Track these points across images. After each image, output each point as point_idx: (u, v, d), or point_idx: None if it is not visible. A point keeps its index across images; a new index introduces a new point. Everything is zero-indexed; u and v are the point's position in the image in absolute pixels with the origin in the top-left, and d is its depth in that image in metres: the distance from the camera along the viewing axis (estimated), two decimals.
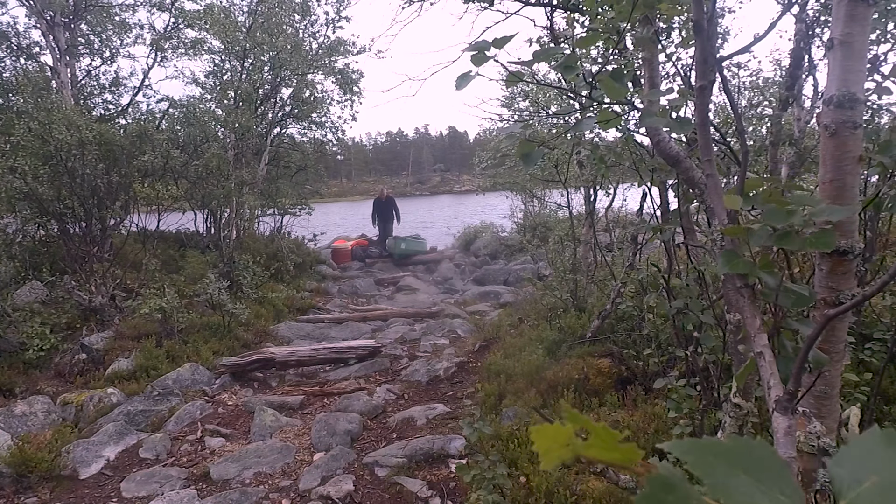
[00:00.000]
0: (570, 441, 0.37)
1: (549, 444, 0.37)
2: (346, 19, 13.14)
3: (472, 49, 1.53)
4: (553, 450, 0.37)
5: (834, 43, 1.22)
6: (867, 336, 3.19)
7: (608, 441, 0.37)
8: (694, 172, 2.00)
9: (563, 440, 0.37)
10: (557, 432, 0.37)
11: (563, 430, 0.37)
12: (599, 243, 6.54)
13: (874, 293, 1.09)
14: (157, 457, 4.27)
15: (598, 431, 0.37)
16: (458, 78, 1.58)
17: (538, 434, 0.37)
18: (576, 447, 0.37)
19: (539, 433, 0.37)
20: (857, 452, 0.36)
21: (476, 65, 1.56)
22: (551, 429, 0.37)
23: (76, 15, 11.21)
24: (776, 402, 1.12)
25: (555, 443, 0.37)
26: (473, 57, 1.54)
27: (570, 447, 0.37)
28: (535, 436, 0.37)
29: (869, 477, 0.34)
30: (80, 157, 7.10)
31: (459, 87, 1.59)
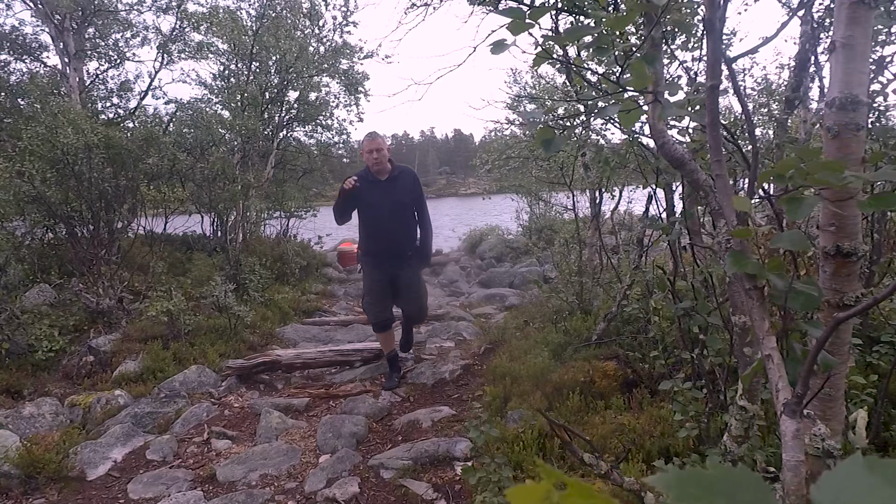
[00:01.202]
0: (548, 496, 0.38)
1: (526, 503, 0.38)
2: (353, 24, 13.20)
3: (510, 15, 1.56)
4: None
5: (836, 45, 1.22)
6: (875, 339, 3.18)
7: (584, 491, 0.38)
8: (699, 174, 1.99)
9: (541, 497, 0.38)
10: (534, 491, 0.38)
11: (539, 488, 0.38)
12: (605, 246, 6.53)
13: (885, 297, 1.08)
14: (164, 458, 4.28)
15: (573, 485, 0.38)
16: (494, 44, 1.61)
17: (515, 495, 0.38)
18: (554, 500, 0.38)
19: (515, 494, 0.38)
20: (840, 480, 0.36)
21: (513, 33, 1.58)
22: (527, 488, 0.38)
23: (84, 19, 11.30)
24: (784, 406, 1.11)
25: (533, 500, 0.38)
26: (511, 24, 1.57)
27: (547, 501, 0.37)
28: (512, 496, 0.38)
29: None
30: (88, 160, 7.15)
31: (495, 52, 1.63)
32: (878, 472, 0.35)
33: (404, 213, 4.95)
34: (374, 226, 4.96)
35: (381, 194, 4.85)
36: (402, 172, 4.97)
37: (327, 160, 15.84)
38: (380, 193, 4.85)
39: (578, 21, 4.69)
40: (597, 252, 6.75)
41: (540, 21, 1.60)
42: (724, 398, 2.68)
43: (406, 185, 4.95)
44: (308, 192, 14.44)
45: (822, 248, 1.29)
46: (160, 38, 12.30)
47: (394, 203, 4.85)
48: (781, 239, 1.25)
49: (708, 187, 1.80)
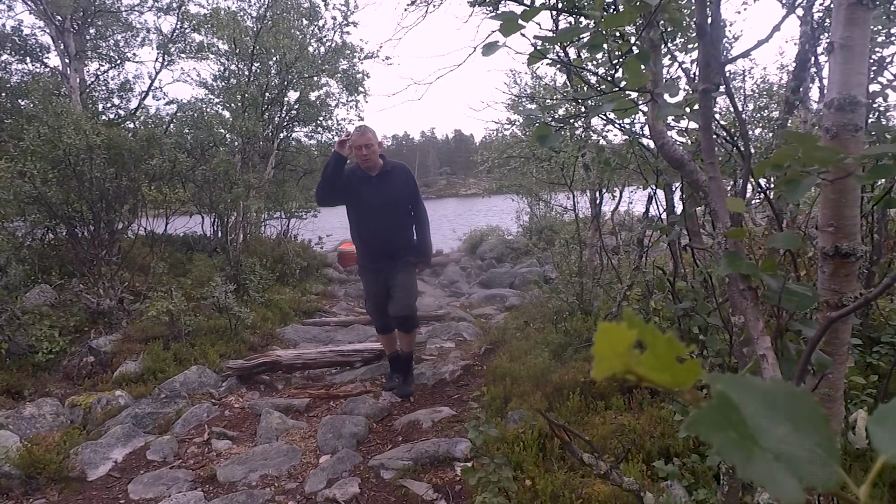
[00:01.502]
0: (628, 351, 0.34)
1: (607, 350, 0.35)
2: (353, 24, 13.21)
3: (501, 18, 1.55)
4: (608, 358, 0.35)
5: (834, 46, 1.23)
6: (874, 339, 3.18)
7: (666, 357, 0.35)
8: (698, 175, 2.00)
9: (622, 348, 0.34)
10: (621, 336, 0.34)
11: (626, 335, 0.35)
12: (605, 246, 6.53)
13: (877, 296, 1.09)
14: (164, 459, 4.29)
15: (657, 344, 0.35)
16: (485, 46, 1.60)
17: (603, 333, 0.35)
18: (630, 360, 0.35)
19: (604, 332, 0.35)
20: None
21: (505, 35, 1.58)
22: (617, 330, 0.35)
23: (85, 20, 11.31)
24: None
25: (613, 350, 0.35)
26: (503, 26, 1.56)
27: (624, 359, 0.35)
28: (599, 335, 0.35)
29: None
30: (89, 161, 7.16)
31: (486, 54, 1.62)
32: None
33: (398, 212, 4.66)
34: (366, 226, 4.68)
35: (372, 192, 4.57)
36: (394, 168, 4.66)
37: (327, 160, 15.85)
38: (371, 191, 4.57)
39: (578, 21, 4.69)
40: (597, 253, 6.76)
41: (539, 21, 1.61)
42: None
43: (399, 181, 4.65)
44: (308, 192, 14.44)
45: (821, 249, 1.30)
46: (160, 39, 12.31)
47: (387, 201, 4.56)
48: (777, 239, 1.26)
49: (707, 188, 1.81)
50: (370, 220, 4.65)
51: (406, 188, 4.68)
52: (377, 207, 4.58)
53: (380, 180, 4.60)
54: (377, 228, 4.65)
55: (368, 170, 4.59)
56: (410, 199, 4.71)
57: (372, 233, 4.69)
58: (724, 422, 0.33)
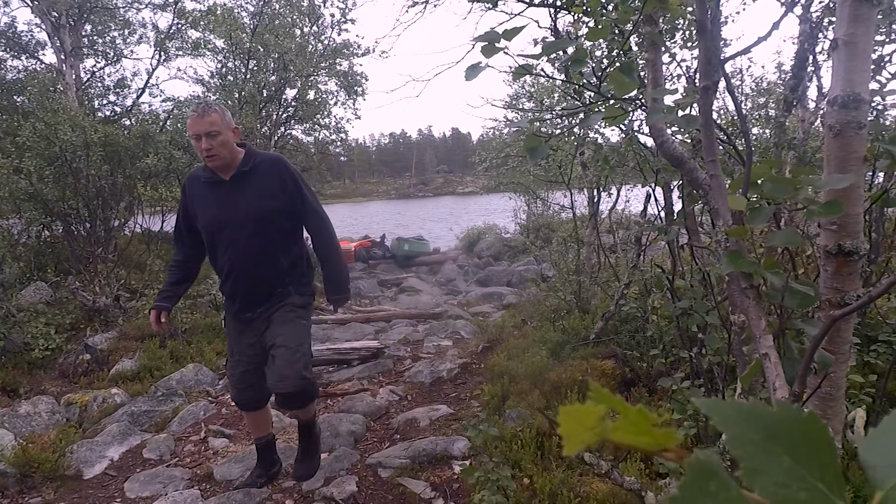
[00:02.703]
0: (598, 424, 0.34)
1: (574, 427, 0.34)
2: (351, 22, 13.19)
3: (483, 39, 1.53)
4: (577, 433, 0.34)
5: (838, 43, 1.22)
6: (873, 338, 3.18)
7: (640, 424, 0.34)
8: (698, 173, 1.99)
9: (590, 423, 0.34)
10: (585, 414, 0.34)
11: (591, 412, 0.34)
12: (603, 244, 6.53)
13: (880, 294, 1.08)
14: (161, 457, 4.27)
15: (628, 413, 0.34)
16: (468, 69, 1.58)
17: (566, 415, 0.34)
18: (603, 430, 0.34)
19: (567, 414, 0.35)
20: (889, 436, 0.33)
21: (486, 56, 1.56)
22: (579, 410, 0.34)
23: (81, 16, 11.26)
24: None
25: (581, 426, 0.34)
26: (484, 48, 1.54)
27: (595, 430, 0.34)
28: (563, 417, 0.34)
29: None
30: (85, 158, 7.12)
31: (469, 77, 1.59)
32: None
33: (270, 229, 3.04)
34: (223, 255, 3.08)
35: (225, 203, 3.00)
36: (261, 163, 3.03)
37: (325, 158, 15.86)
38: (224, 202, 3.00)
39: (578, 19, 4.69)
40: (595, 251, 6.75)
41: (538, 20, 1.60)
42: (723, 397, 2.68)
43: (269, 181, 3.03)
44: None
45: (824, 247, 1.29)
46: (157, 35, 12.26)
47: (249, 214, 2.97)
48: (777, 237, 1.25)
49: (706, 186, 1.80)
50: (228, 246, 3.05)
51: (281, 192, 3.04)
52: (235, 226, 2.99)
53: (236, 185, 2.99)
54: (238, 258, 3.05)
55: (218, 170, 2.97)
56: (291, 208, 3.08)
57: (232, 265, 3.08)
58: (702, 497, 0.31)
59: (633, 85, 1.70)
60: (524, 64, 1.75)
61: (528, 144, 1.67)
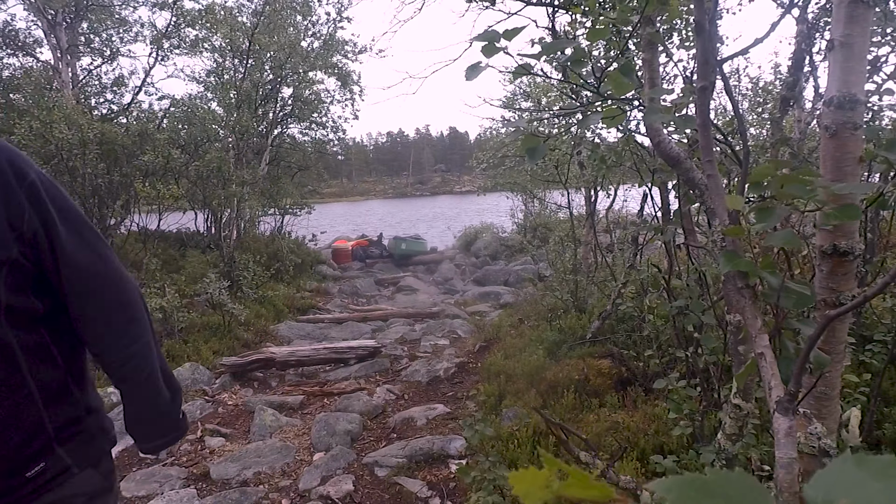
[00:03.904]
0: (549, 483, 0.39)
1: (528, 488, 0.40)
2: (347, 19, 13.16)
3: (483, 39, 1.53)
4: (533, 492, 0.40)
5: (834, 44, 1.22)
6: (867, 338, 3.19)
7: (583, 480, 0.39)
8: (694, 173, 2.00)
9: (542, 483, 0.39)
10: (536, 476, 0.40)
11: (541, 474, 0.40)
12: (600, 244, 6.54)
13: (875, 294, 1.08)
14: (157, 456, 4.27)
15: (573, 473, 0.40)
16: (468, 69, 1.58)
17: (517, 479, 0.40)
18: (555, 488, 0.39)
19: (517, 479, 0.40)
20: (832, 476, 0.37)
21: (486, 56, 1.55)
22: (529, 473, 0.40)
23: (77, 14, 11.21)
24: (777, 403, 1.12)
25: (534, 486, 0.39)
26: (484, 48, 1.54)
27: (549, 488, 0.39)
28: (514, 481, 0.40)
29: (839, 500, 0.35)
30: (82, 156, 7.10)
31: (469, 77, 1.59)
32: (867, 468, 0.36)
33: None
34: None
35: None
36: None
37: (322, 157, 15.84)
38: None
39: (575, 19, 4.69)
40: (592, 250, 6.76)
41: (536, 19, 1.60)
42: (719, 396, 2.69)
43: None
44: (303, 189, 14.43)
45: (819, 247, 1.29)
46: (154, 34, 12.21)
47: None
48: (774, 237, 1.25)
49: (703, 186, 1.81)
50: None
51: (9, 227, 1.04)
52: None
53: None
54: None
55: None
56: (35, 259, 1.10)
57: None
58: None
59: (631, 85, 1.70)
60: (523, 64, 1.75)
61: (526, 144, 1.67)
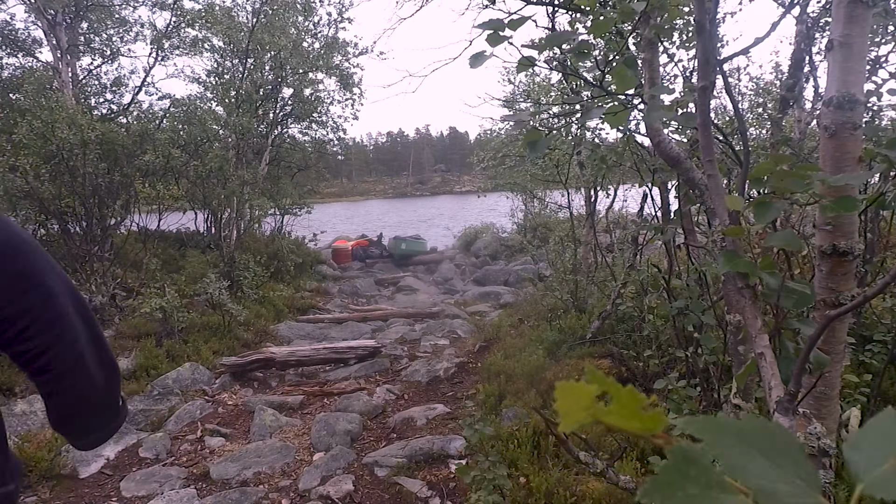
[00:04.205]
0: (592, 404, 0.36)
1: (570, 405, 0.36)
2: (348, 20, 13.15)
3: (488, 27, 1.53)
4: (573, 412, 0.36)
5: (833, 44, 1.22)
6: (867, 338, 3.19)
7: (630, 407, 0.36)
8: (694, 173, 1.99)
9: (585, 402, 0.36)
10: (582, 392, 0.36)
11: (586, 391, 0.36)
12: (600, 244, 6.54)
13: (875, 294, 1.08)
14: (157, 456, 4.27)
15: (620, 396, 0.36)
16: (472, 57, 1.58)
17: (563, 391, 0.36)
18: (596, 411, 0.36)
19: (564, 390, 0.36)
20: (872, 436, 0.36)
21: (492, 45, 1.56)
22: (576, 387, 0.36)
23: (77, 14, 11.21)
24: (777, 403, 1.12)
25: (577, 404, 0.36)
26: (490, 36, 1.54)
27: (590, 411, 0.36)
28: (560, 392, 0.36)
29: (887, 458, 0.33)
30: (82, 156, 7.10)
31: (474, 65, 1.59)
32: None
33: None
34: None
35: None
36: None
37: (322, 157, 15.84)
38: None
39: (574, 18, 4.69)
40: (591, 250, 6.76)
41: (536, 18, 1.60)
42: (719, 396, 2.68)
43: None
44: (303, 188, 14.43)
45: (819, 247, 1.29)
46: (154, 34, 12.20)
47: None
48: (774, 238, 1.25)
49: (703, 186, 1.80)
50: None
51: None
52: None
53: None
54: None
55: None
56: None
57: None
58: (681, 479, 0.33)
59: (634, 80, 1.71)
60: (528, 56, 1.75)
61: (528, 138, 1.67)
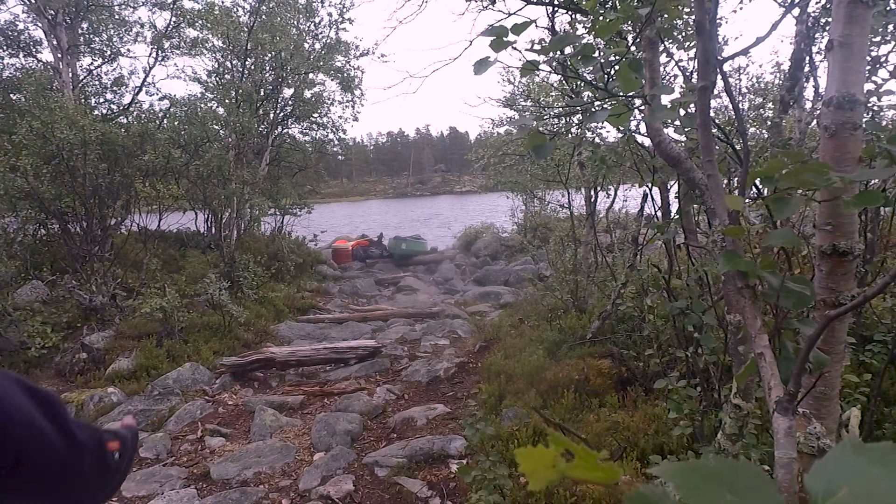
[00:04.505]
0: (556, 462, 0.38)
1: (534, 467, 0.39)
2: (349, 21, 13.15)
3: (491, 34, 1.53)
4: (539, 471, 0.39)
5: (833, 44, 1.22)
6: (867, 338, 3.19)
7: (590, 461, 0.39)
8: (695, 173, 2.00)
9: (549, 462, 0.38)
10: (542, 455, 0.39)
11: (547, 453, 0.39)
12: (600, 244, 6.54)
13: (875, 294, 1.08)
14: (158, 456, 4.27)
15: (580, 453, 0.39)
16: (476, 63, 1.58)
17: (523, 457, 0.39)
18: (561, 468, 0.38)
19: (524, 456, 0.39)
20: (831, 465, 0.38)
21: (495, 50, 1.56)
22: (536, 452, 0.39)
23: (77, 14, 11.21)
24: (776, 403, 1.12)
25: (540, 465, 0.39)
26: (493, 42, 1.54)
27: (555, 468, 0.38)
28: (521, 458, 0.39)
29: (841, 488, 0.35)
30: (83, 156, 7.10)
31: (478, 72, 1.59)
32: (866, 455, 0.37)
33: None
34: None
35: None
36: None
37: (322, 157, 15.85)
38: None
39: (574, 19, 4.69)
40: (592, 250, 6.76)
41: (535, 20, 1.60)
42: (719, 396, 2.69)
43: None
44: (303, 189, 14.43)
45: (819, 247, 1.30)
46: (154, 33, 12.20)
47: None
48: (774, 237, 1.25)
49: (703, 186, 1.81)
50: None
51: None
52: None
53: None
54: None
55: None
56: None
57: None
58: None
59: (638, 82, 1.71)
60: (531, 60, 1.75)
61: (532, 142, 1.67)
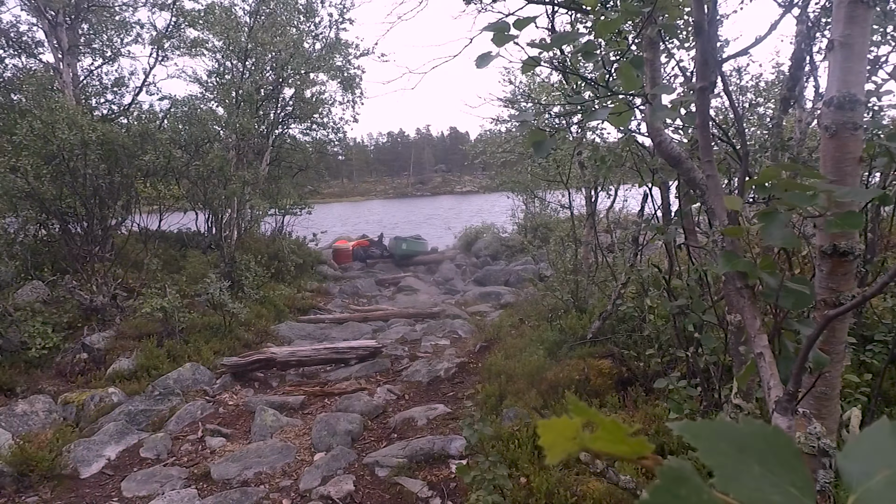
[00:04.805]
0: (577, 434, 0.36)
1: (554, 438, 0.36)
2: (349, 21, 13.14)
3: (493, 29, 1.53)
4: (559, 443, 0.36)
5: (834, 44, 1.22)
6: (868, 337, 3.19)
7: (616, 434, 0.36)
8: (695, 173, 2.00)
9: (570, 434, 0.36)
10: (564, 426, 0.36)
11: (569, 424, 0.36)
12: (600, 244, 6.54)
13: (874, 294, 1.08)
14: (158, 456, 4.27)
15: (605, 424, 0.36)
16: (479, 57, 1.58)
17: (545, 428, 0.36)
18: (582, 440, 0.36)
19: (545, 427, 0.36)
20: (866, 446, 0.35)
21: (498, 45, 1.56)
22: (558, 422, 0.36)
23: (78, 15, 11.21)
24: (776, 403, 1.12)
25: (561, 436, 0.36)
26: (495, 37, 1.54)
27: (576, 440, 0.36)
28: (542, 429, 0.36)
29: (879, 470, 0.33)
30: (83, 156, 7.11)
31: (480, 66, 1.59)
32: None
33: None
34: None
35: None
36: None
37: (323, 157, 15.85)
38: None
39: (575, 20, 4.69)
40: (592, 250, 6.76)
41: (536, 20, 1.60)
42: (719, 396, 2.68)
43: None
44: (303, 189, 14.43)
45: (819, 247, 1.30)
46: (154, 34, 12.20)
47: None
48: (774, 237, 1.25)
49: (704, 186, 1.81)
50: None
51: None
52: None
53: None
54: None
55: None
56: None
57: None
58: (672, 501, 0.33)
59: (640, 81, 1.71)
60: (533, 56, 1.75)
61: (532, 139, 1.67)
